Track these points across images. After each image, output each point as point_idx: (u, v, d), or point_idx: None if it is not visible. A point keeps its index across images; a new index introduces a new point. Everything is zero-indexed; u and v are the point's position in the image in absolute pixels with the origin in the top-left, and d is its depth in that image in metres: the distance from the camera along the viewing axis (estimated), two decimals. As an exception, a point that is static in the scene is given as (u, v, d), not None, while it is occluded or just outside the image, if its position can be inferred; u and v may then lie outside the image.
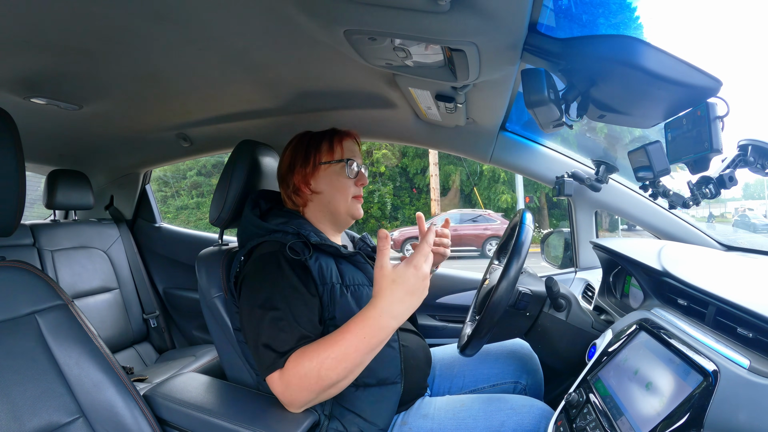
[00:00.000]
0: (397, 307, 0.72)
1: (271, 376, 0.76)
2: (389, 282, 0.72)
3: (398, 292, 0.71)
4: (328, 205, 0.99)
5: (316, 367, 0.72)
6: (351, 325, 0.73)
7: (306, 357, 0.74)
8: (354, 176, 1.00)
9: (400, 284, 0.71)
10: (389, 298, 0.71)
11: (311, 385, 0.73)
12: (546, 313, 0.92)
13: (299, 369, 0.73)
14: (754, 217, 8.60)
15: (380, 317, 0.71)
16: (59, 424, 0.70)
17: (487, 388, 1.07)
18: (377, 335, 0.72)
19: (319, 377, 0.72)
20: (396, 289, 0.71)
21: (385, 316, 0.72)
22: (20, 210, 0.75)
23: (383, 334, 0.72)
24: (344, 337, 0.73)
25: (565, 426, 0.70)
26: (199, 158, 5.58)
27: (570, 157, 1.43)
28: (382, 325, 0.72)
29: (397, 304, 0.71)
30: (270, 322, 0.78)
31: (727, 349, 0.58)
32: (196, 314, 1.92)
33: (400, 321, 0.73)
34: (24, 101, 1.18)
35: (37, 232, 1.66)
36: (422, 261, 0.73)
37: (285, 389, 0.75)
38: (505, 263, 0.85)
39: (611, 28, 0.92)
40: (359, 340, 0.72)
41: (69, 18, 0.78)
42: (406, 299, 0.72)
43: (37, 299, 0.76)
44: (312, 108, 1.34)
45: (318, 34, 0.81)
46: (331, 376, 0.72)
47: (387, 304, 0.71)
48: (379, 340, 0.73)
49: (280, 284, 0.82)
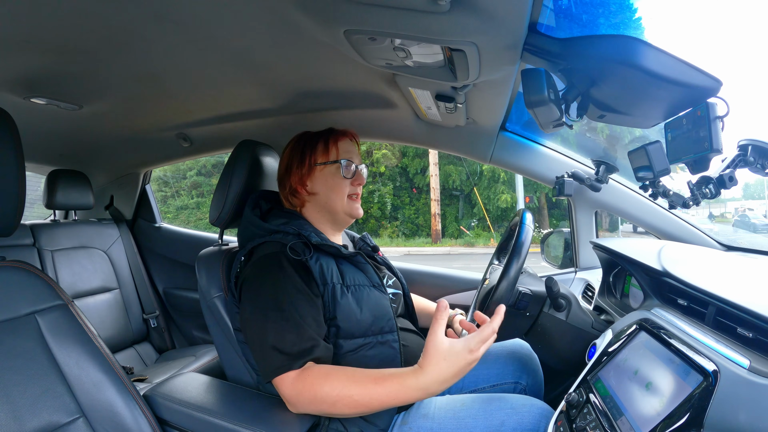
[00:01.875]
0: (436, 386, 0.71)
1: (282, 378, 0.76)
2: (440, 359, 0.70)
3: (446, 373, 0.70)
4: (325, 206, 0.99)
5: (334, 398, 0.73)
6: (387, 380, 0.72)
7: (329, 382, 0.74)
8: (350, 176, 0.99)
9: (450, 364, 0.70)
10: (434, 376, 0.70)
11: (322, 407, 0.75)
12: (546, 313, 0.93)
13: (318, 390, 0.74)
14: (754, 217, 8.60)
15: (417, 389, 0.71)
16: (59, 424, 0.70)
17: (487, 388, 1.07)
18: (405, 399, 0.72)
19: (333, 406, 0.73)
20: (445, 368, 0.70)
21: (422, 391, 0.71)
22: (20, 210, 0.75)
23: (411, 400, 0.73)
24: (375, 387, 0.72)
25: (565, 426, 0.70)
26: (199, 158, 5.58)
27: (570, 157, 1.43)
28: (415, 396, 0.72)
29: (439, 384, 0.70)
30: (276, 323, 0.78)
31: (727, 349, 0.58)
32: (196, 314, 1.92)
33: (432, 395, 0.72)
34: (24, 101, 1.18)
35: (37, 232, 1.66)
36: (480, 346, 0.71)
37: (295, 396, 0.75)
38: (505, 263, 0.85)
39: (611, 28, 0.92)
40: (387, 397, 0.72)
41: (69, 18, 0.78)
42: (449, 380, 0.71)
43: (37, 299, 0.76)
44: (312, 108, 1.34)
45: (318, 34, 0.81)
46: (345, 412, 0.74)
47: (430, 381, 0.70)
48: (405, 402, 0.73)
49: (283, 285, 0.82)
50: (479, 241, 12.17)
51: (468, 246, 11.94)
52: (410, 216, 13.36)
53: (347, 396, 0.73)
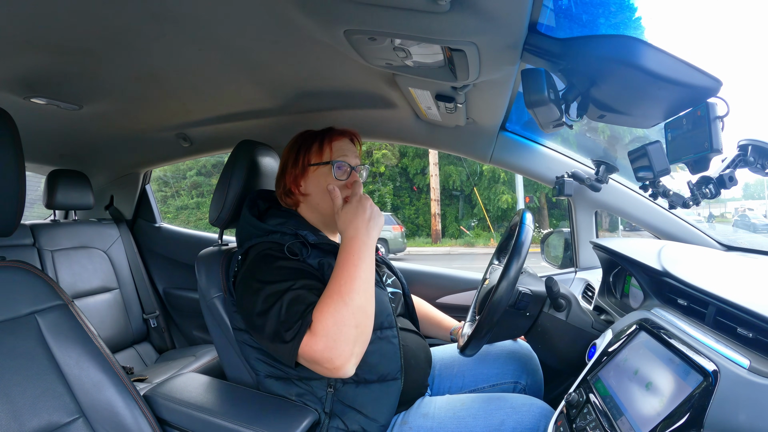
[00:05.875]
0: (361, 230, 0.85)
1: (305, 342, 0.73)
2: (345, 217, 0.87)
3: (356, 220, 0.86)
4: (317, 207, 0.98)
5: (338, 297, 0.76)
6: (338, 259, 0.83)
7: (325, 299, 0.77)
8: (344, 178, 0.97)
9: (354, 214, 0.86)
10: (352, 226, 0.85)
11: (347, 318, 0.75)
12: (546, 313, 0.92)
13: (327, 311, 0.75)
14: (754, 217, 8.61)
15: (354, 239, 0.84)
16: (59, 424, 0.70)
17: (487, 388, 1.07)
18: (361, 252, 0.82)
19: (346, 304, 0.76)
20: (353, 218, 0.86)
21: (356, 238, 0.84)
22: (20, 210, 0.75)
23: (365, 252, 0.83)
24: (340, 266, 0.81)
25: (565, 426, 0.70)
26: (199, 158, 5.58)
27: (570, 157, 1.43)
28: (360, 244, 0.83)
29: (360, 228, 0.85)
30: (282, 300, 0.78)
31: (727, 349, 0.58)
32: (196, 314, 1.92)
33: (371, 238, 0.85)
34: (24, 101, 1.18)
35: (37, 232, 1.66)
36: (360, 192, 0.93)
37: (326, 341, 0.73)
38: (505, 263, 0.85)
39: (611, 28, 0.92)
40: (354, 259, 0.81)
41: (69, 18, 0.78)
42: (365, 223, 0.86)
43: (37, 299, 0.76)
44: (312, 108, 1.34)
45: (318, 34, 0.81)
46: (355, 299, 0.77)
47: (353, 230, 0.85)
48: (366, 256, 0.83)
49: (281, 270, 0.82)
50: (479, 241, 12.18)
51: (468, 246, 11.95)
52: (410, 216, 13.37)
53: (341, 286, 0.78)
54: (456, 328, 1.20)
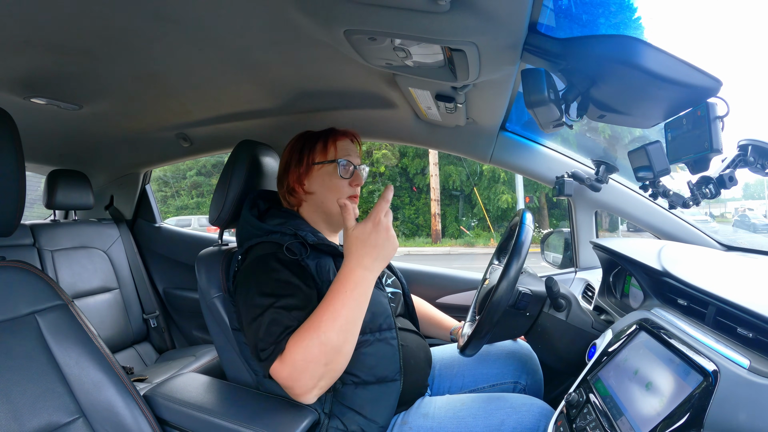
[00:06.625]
0: (366, 259, 0.78)
1: (273, 367, 0.75)
2: (354, 239, 0.80)
3: (365, 247, 0.79)
4: (321, 206, 0.99)
5: (314, 334, 0.73)
6: (332, 287, 0.79)
7: (302, 331, 0.75)
8: (348, 176, 0.99)
9: (364, 239, 0.79)
10: (357, 253, 0.79)
11: (316, 356, 0.73)
12: (546, 313, 0.92)
13: (300, 345, 0.73)
14: (754, 217, 8.61)
15: (354, 271, 0.78)
16: (59, 424, 0.70)
17: (487, 387, 1.07)
18: (357, 287, 0.78)
19: (321, 343, 0.73)
20: (361, 244, 0.79)
21: (359, 269, 0.78)
22: (20, 210, 0.75)
23: (363, 286, 0.78)
24: (328, 299, 0.77)
25: (565, 426, 0.70)
26: (199, 158, 5.59)
27: (570, 157, 1.43)
28: (358, 278, 0.78)
29: (366, 257, 0.79)
30: (263, 317, 0.78)
31: (727, 349, 0.58)
32: (196, 314, 1.92)
33: (373, 271, 0.79)
34: (24, 101, 1.18)
35: (37, 232, 1.66)
36: (381, 215, 0.80)
37: (291, 372, 0.73)
38: (505, 263, 0.85)
39: (611, 28, 0.92)
40: (344, 296, 0.76)
41: (69, 18, 0.78)
42: (373, 251, 0.79)
43: (37, 299, 0.76)
44: (312, 108, 1.34)
45: (318, 34, 0.81)
46: (332, 338, 0.74)
47: (356, 258, 0.79)
48: (361, 292, 0.78)
49: (270, 282, 0.82)
50: (479, 241, 12.18)
51: (468, 246, 11.95)
52: (410, 216, 13.36)
53: (321, 323, 0.74)
54: (456, 328, 1.20)
